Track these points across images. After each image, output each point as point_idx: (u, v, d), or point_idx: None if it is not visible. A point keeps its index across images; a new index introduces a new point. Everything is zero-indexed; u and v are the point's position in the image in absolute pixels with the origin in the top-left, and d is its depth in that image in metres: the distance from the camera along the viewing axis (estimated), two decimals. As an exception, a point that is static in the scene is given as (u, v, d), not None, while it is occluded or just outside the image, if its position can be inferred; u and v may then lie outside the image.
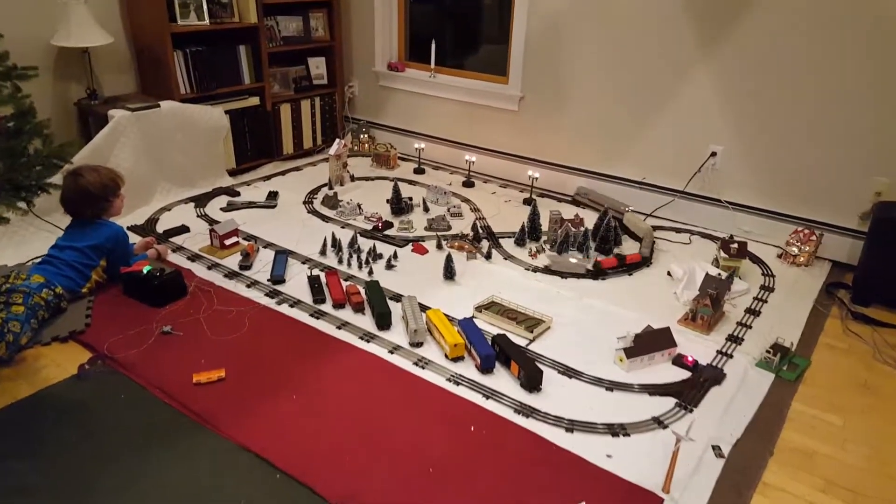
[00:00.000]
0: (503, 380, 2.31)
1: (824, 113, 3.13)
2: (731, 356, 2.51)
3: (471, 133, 4.41)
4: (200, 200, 3.78)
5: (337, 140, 3.91)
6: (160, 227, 3.41)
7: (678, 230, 3.60)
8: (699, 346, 2.55)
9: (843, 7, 2.94)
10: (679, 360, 2.44)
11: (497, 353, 2.37)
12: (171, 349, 2.43)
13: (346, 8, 4.71)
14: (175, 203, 3.73)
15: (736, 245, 2.98)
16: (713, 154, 3.49)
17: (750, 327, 2.71)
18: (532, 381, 2.23)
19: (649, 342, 2.42)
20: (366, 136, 4.82)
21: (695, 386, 2.32)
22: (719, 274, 2.75)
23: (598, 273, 3.05)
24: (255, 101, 4.26)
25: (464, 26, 4.65)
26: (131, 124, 3.51)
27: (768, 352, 2.46)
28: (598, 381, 2.34)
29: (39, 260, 2.78)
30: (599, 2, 3.59)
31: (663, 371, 2.41)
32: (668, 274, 3.07)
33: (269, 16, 4.26)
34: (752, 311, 2.82)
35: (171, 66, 3.75)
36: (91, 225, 2.78)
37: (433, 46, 4.36)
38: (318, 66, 4.70)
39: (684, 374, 2.39)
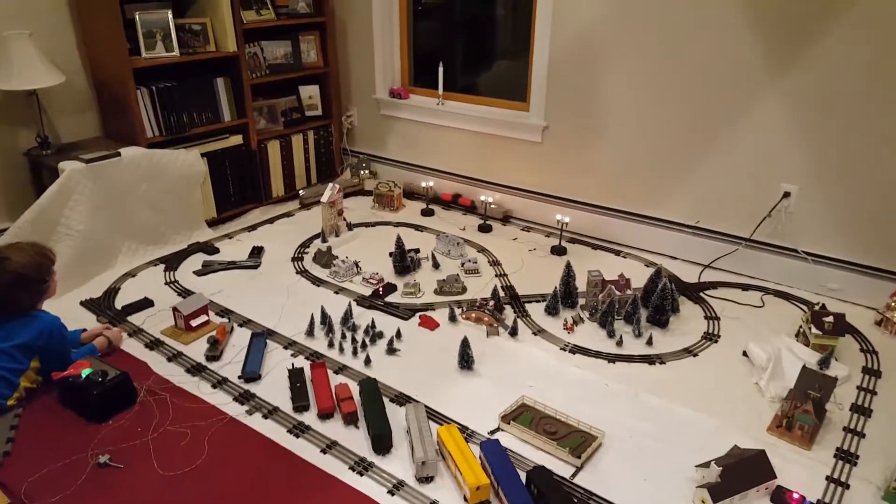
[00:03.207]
0: (544, 539, 1.70)
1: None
2: (846, 486, 1.87)
3: (487, 168, 3.81)
4: (172, 261, 3.22)
5: (330, 185, 3.33)
6: (119, 301, 2.85)
7: (745, 287, 2.96)
8: (802, 471, 1.92)
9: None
10: (781, 498, 1.81)
11: (535, 497, 1.75)
12: (106, 492, 1.85)
13: (341, 29, 4.14)
14: (142, 267, 3.16)
15: (831, 319, 2.34)
16: (786, 195, 2.85)
17: (862, 435, 2.07)
18: (585, 549, 1.62)
19: (740, 475, 1.79)
20: (366, 171, 4.24)
21: (807, 539, 1.70)
22: (820, 370, 2.11)
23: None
24: (237, 139, 3.70)
25: (475, 44, 4.07)
26: (85, 178, 2.96)
27: (897, 478, 1.83)
28: (672, 535, 1.71)
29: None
30: (641, 14, 2.98)
31: (759, 513, 1.79)
32: (745, 354, 2.44)
33: (251, 42, 3.71)
34: (861, 410, 2.18)
35: (135, 106, 3.20)
36: (17, 319, 2.22)
37: (441, 70, 3.77)
38: (310, 95, 4.13)
39: (789, 518, 1.77)
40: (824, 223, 2.81)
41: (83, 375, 2.13)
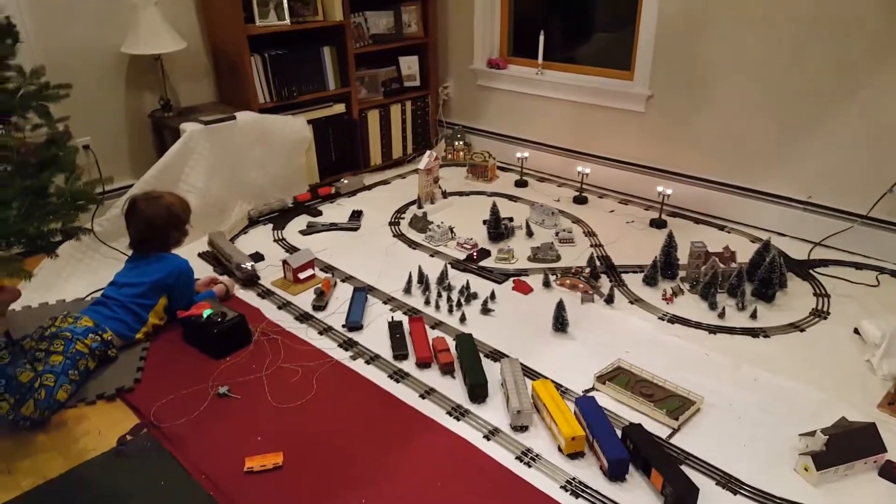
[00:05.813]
0: (640, 492, 1.71)
1: None
2: (968, 467, 1.77)
3: (584, 139, 3.77)
4: (279, 221, 3.40)
5: (427, 153, 3.41)
6: (232, 254, 3.05)
7: (859, 266, 2.81)
8: (917, 449, 1.83)
9: None
10: (890, 473, 1.74)
11: (630, 451, 1.77)
12: (226, 419, 2.02)
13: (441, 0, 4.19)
14: (253, 224, 3.36)
15: (958, 297, 2.19)
16: (912, 168, 2.68)
17: None
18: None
19: (847, 445, 1.73)
20: (461, 143, 4.30)
21: (922, 517, 1.62)
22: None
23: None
24: (340, 108, 3.84)
25: (577, 13, 4.00)
26: (204, 139, 3.17)
27: None
28: (771, 501, 1.68)
29: (93, 300, 2.47)
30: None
31: (866, 488, 1.72)
32: (856, 332, 2.33)
33: (356, 12, 3.82)
34: None
35: (248, 72, 3.39)
36: (154, 257, 2.45)
37: (542, 38, 3.76)
38: (409, 65, 4.22)
39: (901, 495, 1.70)
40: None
41: (204, 316, 2.32)
